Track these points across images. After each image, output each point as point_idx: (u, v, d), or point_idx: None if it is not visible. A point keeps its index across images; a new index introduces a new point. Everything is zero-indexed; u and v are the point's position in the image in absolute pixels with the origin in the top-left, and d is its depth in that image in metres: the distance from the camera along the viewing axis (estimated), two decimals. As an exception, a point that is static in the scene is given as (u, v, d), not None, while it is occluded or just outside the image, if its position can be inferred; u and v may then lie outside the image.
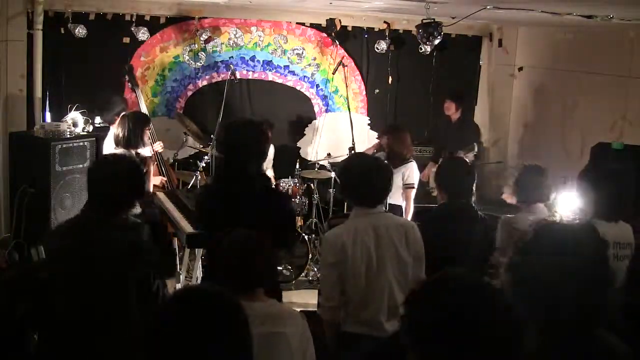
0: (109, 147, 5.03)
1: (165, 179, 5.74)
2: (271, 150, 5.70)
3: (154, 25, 6.35)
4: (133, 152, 4.68)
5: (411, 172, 5.05)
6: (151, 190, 5.02)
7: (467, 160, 5.59)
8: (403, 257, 2.93)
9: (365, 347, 2.91)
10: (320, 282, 3.06)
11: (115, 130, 4.79)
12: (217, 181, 3.48)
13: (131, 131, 4.68)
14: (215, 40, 6.65)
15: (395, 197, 4.91)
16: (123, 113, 5.01)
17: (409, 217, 4.90)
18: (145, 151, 4.88)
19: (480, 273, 3.88)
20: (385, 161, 3.19)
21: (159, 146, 5.55)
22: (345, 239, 2.89)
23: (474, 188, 3.66)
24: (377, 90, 7.28)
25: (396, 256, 2.92)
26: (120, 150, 4.69)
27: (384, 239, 2.91)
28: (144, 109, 5.84)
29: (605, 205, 2.96)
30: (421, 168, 6.87)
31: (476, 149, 6.11)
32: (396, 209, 4.83)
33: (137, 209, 4.45)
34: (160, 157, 5.67)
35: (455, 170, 3.73)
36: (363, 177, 2.97)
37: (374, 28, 7.02)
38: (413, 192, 5.06)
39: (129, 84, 5.98)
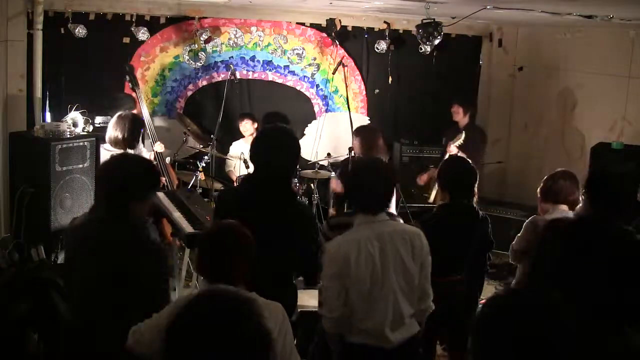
0: (105, 147, 5.04)
1: (165, 179, 5.73)
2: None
3: (154, 25, 6.35)
4: (132, 152, 4.68)
5: None
6: None
7: (458, 153, 5.60)
8: (408, 267, 2.86)
9: (370, 358, 2.88)
10: (323, 293, 2.91)
11: (112, 131, 4.79)
12: (247, 188, 3.22)
13: (129, 132, 4.68)
14: (215, 40, 6.65)
15: None
16: (119, 113, 5.00)
17: None
18: (144, 151, 4.88)
19: (480, 272, 3.89)
20: (390, 166, 3.10)
21: (159, 146, 5.55)
22: (349, 249, 2.80)
23: (475, 188, 3.66)
24: (377, 90, 7.29)
25: (401, 265, 2.85)
26: (118, 151, 4.69)
27: (388, 248, 2.83)
28: (144, 109, 5.84)
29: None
30: (421, 168, 6.93)
31: (463, 138, 5.97)
32: None
33: None
34: (161, 157, 5.67)
35: (456, 169, 3.73)
36: (368, 183, 2.89)
37: (374, 28, 7.02)
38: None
39: (130, 84, 5.97)
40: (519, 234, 3.75)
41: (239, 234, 2.34)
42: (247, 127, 6.27)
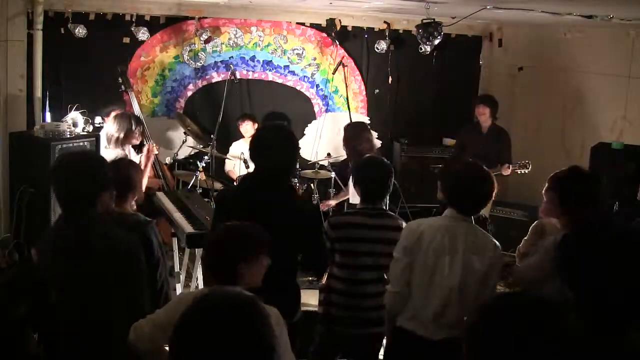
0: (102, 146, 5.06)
1: (162, 181, 5.74)
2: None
3: (154, 25, 6.35)
4: (125, 151, 4.70)
5: None
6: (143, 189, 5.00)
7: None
8: (476, 270, 2.87)
9: (415, 347, 2.93)
10: (390, 266, 3.00)
11: (108, 129, 4.81)
12: (247, 187, 3.18)
13: (123, 131, 4.70)
14: (215, 40, 6.65)
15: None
16: (115, 113, 5.01)
17: None
18: (132, 153, 4.90)
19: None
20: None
21: (155, 148, 5.55)
22: (426, 229, 2.89)
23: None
24: (377, 90, 7.29)
25: (468, 269, 2.86)
26: (112, 149, 4.70)
27: (461, 247, 2.86)
28: (137, 111, 5.84)
29: None
30: (422, 168, 6.93)
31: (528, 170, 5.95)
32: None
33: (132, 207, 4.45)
34: (155, 158, 5.66)
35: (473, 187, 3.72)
36: (472, 186, 2.92)
37: (374, 28, 7.03)
38: None
39: (123, 86, 5.96)
40: (525, 237, 3.74)
41: (246, 235, 2.34)
42: (248, 128, 6.27)
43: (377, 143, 6.81)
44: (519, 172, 5.95)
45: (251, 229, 2.38)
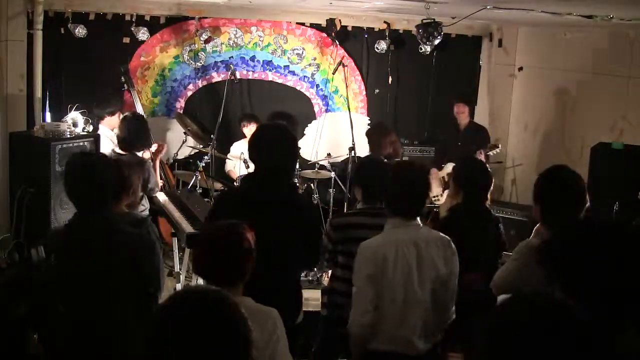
0: (105, 147, 5.04)
1: (162, 180, 5.73)
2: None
3: (154, 25, 6.35)
4: (136, 153, 4.69)
5: None
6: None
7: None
8: (442, 275, 2.83)
9: None
10: (354, 295, 2.81)
11: (116, 130, 4.81)
12: (247, 187, 3.19)
13: (133, 133, 4.68)
14: (215, 40, 6.65)
15: None
16: (126, 114, 5.01)
17: None
18: (145, 153, 4.89)
19: (492, 273, 3.89)
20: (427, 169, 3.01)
21: (154, 147, 5.55)
22: (387, 251, 2.75)
23: (490, 189, 3.68)
24: (377, 90, 7.28)
25: (436, 273, 2.81)
26: (119, 151, 4.70)
27: (425, 255, 2.79)
28: (139, 110, 5.84)
29: None
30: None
31: (499, 150, 6.06)
32: None
33: (146, 205, 4.45)
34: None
35: (472, 170, 3.74)
36: (405, 186, 2.85)
37: (374, 28, 7.02)
38: None
39: (125, 85, 5.97)
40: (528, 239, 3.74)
41: (227, 235, 2.29)
42: (252, 130, 6.25)
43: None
44: (492, 154, 5.94)
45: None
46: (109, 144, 5.12)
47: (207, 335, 1.36)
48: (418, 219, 2.88)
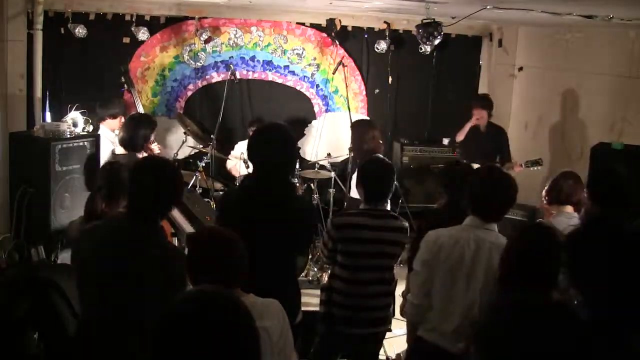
0: (105, 148, 5.05)
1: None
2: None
3: (154, 25, 6.35)
4: (137, 154, 4.68)
5: None
6: None
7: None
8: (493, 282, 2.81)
9: (436, 358, 2.87)
10: (410, 277, 2.99)
11: (121, 131, 4.82)
12: (247, 187, 3.18)
13: (136, 133, 4.68)
14: (215, 40, 6.65)
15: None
16: (132, 114, 5.01)
17: None
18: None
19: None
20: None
21: (155, 147, 5.54)
22: (445, 241, 2.83)
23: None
24: (377, 90, 7.28)
25: (486, 279, 2.79)
26: (122, 152, 4.70)
27: (484, 255, 2.78)
28: (140, 110, 5.84)
29: None
30: (422, 168, 6.92)
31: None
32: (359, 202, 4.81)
33: None
34: None
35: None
36: (491, 191, 2.85)
37: (374, 28, 7.02)
38: None
39: (125, 85, 5.97)
40: None
41: (213, 238, 2.27)
42: None
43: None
44: (532, 169, 5.86)
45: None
46: (108, 145, 5.13)
47: (217, 334, 1.35)
48: (495, 224, 2.88)
